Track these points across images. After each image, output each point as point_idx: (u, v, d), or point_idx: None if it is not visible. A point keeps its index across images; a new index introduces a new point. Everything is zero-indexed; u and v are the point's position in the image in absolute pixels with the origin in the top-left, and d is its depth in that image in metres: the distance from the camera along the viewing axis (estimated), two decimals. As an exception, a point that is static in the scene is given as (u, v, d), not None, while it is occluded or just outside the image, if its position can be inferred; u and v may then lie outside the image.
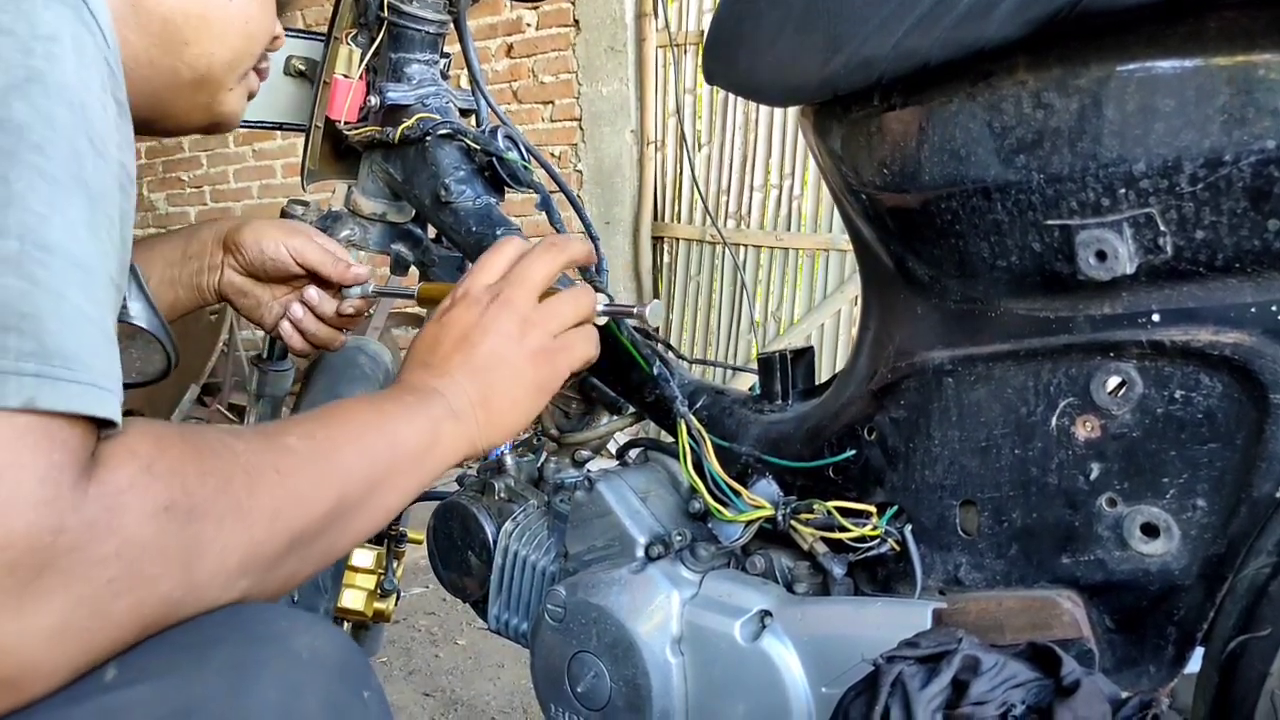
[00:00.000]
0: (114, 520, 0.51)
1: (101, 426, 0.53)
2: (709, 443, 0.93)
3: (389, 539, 1.36)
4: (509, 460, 1.14)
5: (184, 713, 0.51)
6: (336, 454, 0.67)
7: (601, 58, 4.01)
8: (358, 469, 0.68)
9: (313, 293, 1.10)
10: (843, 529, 0.85)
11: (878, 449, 0.86)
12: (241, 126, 1.34)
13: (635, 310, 0.89)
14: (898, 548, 0.85)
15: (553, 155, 4.10)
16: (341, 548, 0.68)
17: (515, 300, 0.83)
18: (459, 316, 0.83)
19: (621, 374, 1.04)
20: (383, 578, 1.35)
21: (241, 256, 1.07)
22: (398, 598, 1.39)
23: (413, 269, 1.28)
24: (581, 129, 4.09)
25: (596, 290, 0.95)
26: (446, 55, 1.24)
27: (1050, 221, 0.72)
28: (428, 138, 1.15)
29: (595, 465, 1.10)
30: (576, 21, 4.04)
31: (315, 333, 1.11)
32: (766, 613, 0.88)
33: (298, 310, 1.10)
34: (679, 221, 3.97)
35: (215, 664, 0.53)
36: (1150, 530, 0.74)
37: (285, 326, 1.11)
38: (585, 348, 0.87)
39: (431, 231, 1.27)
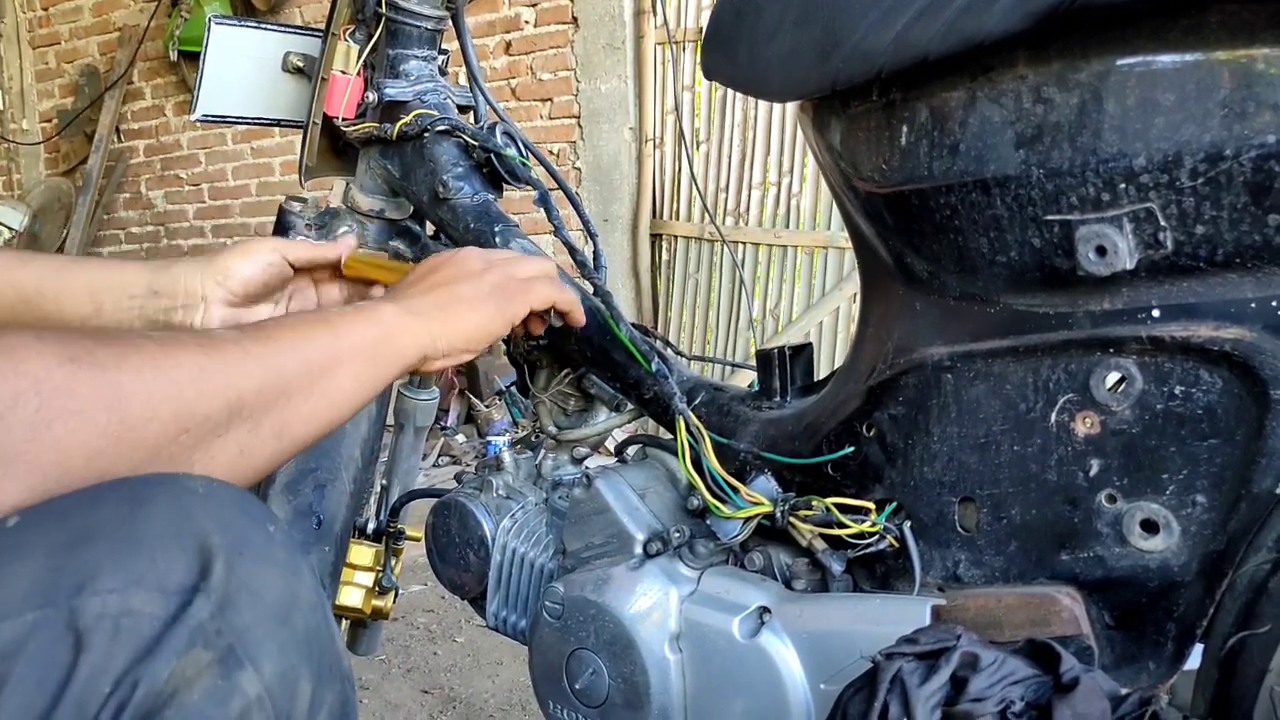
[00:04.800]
0: (18, 366, 0.54)
1: None
2: (707, 439, 0.92)
3: (387, 536, 1.36)
4: (507, 457, 1.14)
5: (82, 539, 0.53)
6: (268, 339, 0.69)
7: (600, 55, 4.00)
8: (293, 351, 0.70)
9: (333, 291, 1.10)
10: (841, 525, 0.85)
11: (876, 445, 0.86)
12: (240, 124, 1.34)
13: None
14: (896, 544, 0.84)
15: (551, 152, 4.10)
16: (299, 430, 0.70)
17: (487, 250, 0.92)
18: (431, 260, 0.91)
19: (620, 371, 1.04)
20: (381, 575, 1.35)
21: (234, 281, 1.01)
22: (396, 595, 1.39)
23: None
24: (580, 126, 4.09)
25: (595, 287, 0.97)
26: (445, 52, 1.24)
27: (1050, 216, 0.72)
28: (426, 134, 1.15)
29: (593, 462, 1.10)
30: (575, 18, 4.04)
31: None
32: (765, 609, 0.87)
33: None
34: (677, 219, 3.96)
35: (111, 499, 0.55)
36: (1150, 526, 0.74)
37: None
38: (547, 291, 0.92)
39: (430, 228, 1.26)
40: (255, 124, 1.34)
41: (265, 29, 1.32)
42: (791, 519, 0.88)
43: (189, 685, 0.51)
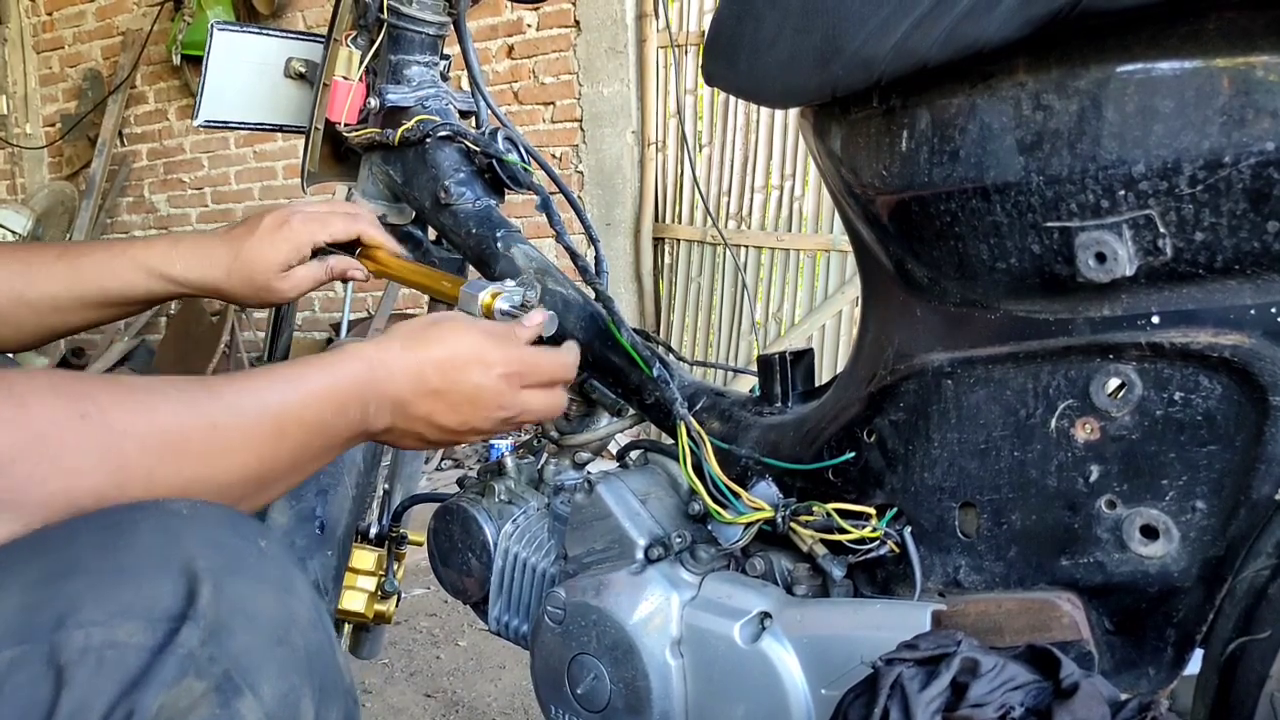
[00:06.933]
0: (27, 419, 0.53)
1: None
2: (709, 445, 0.93)
3: (389, 540, 1.36)
4: (509, 462, 1.14)
5: (61, 574, 0.51)
6: (281, 436, 0.68)
7: (602, 59, 4.01)
8: (291, 453, 0.69)
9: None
10: (842, 531, 0.85)
11: (877, 451, 0.86)
12: (242, 129, 1.35)
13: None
14: (897, 550, 0.84)
15: (554, 156, 4.10)
16: (291, 486, 0.71)
17: (522, 368, 0.86)
18: (472, 371, 0.83)
19: (621, 376, 1.04)
20: (383, 579, 1.35)
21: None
22: (399, 599, 1.39)
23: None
24: (582, 130, 4.09)
25: (596, 292, 0.99)
26: (446, 57, 1.24)
27: (1050, 223, 0.72)
28: (427, 140, 1.15)
29: (595, 467, 1.10)
30: (577, 22, 4.04)
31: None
32: (766, 614, 0.87)
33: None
34: (680, 222, 3.96)
35: (92, 528, 0.54)
36: (1149, 532, 0.74)
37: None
38: (540, 413, 0.91)
39: (432, 233, 1.27)
40: (257, 129, 1.34)
41: (267, 34, 1.32)
42: (792, 524, 0.88)
43: (183, 717, 0.50)
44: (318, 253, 1.09)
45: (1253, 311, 0.68)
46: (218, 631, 0.52)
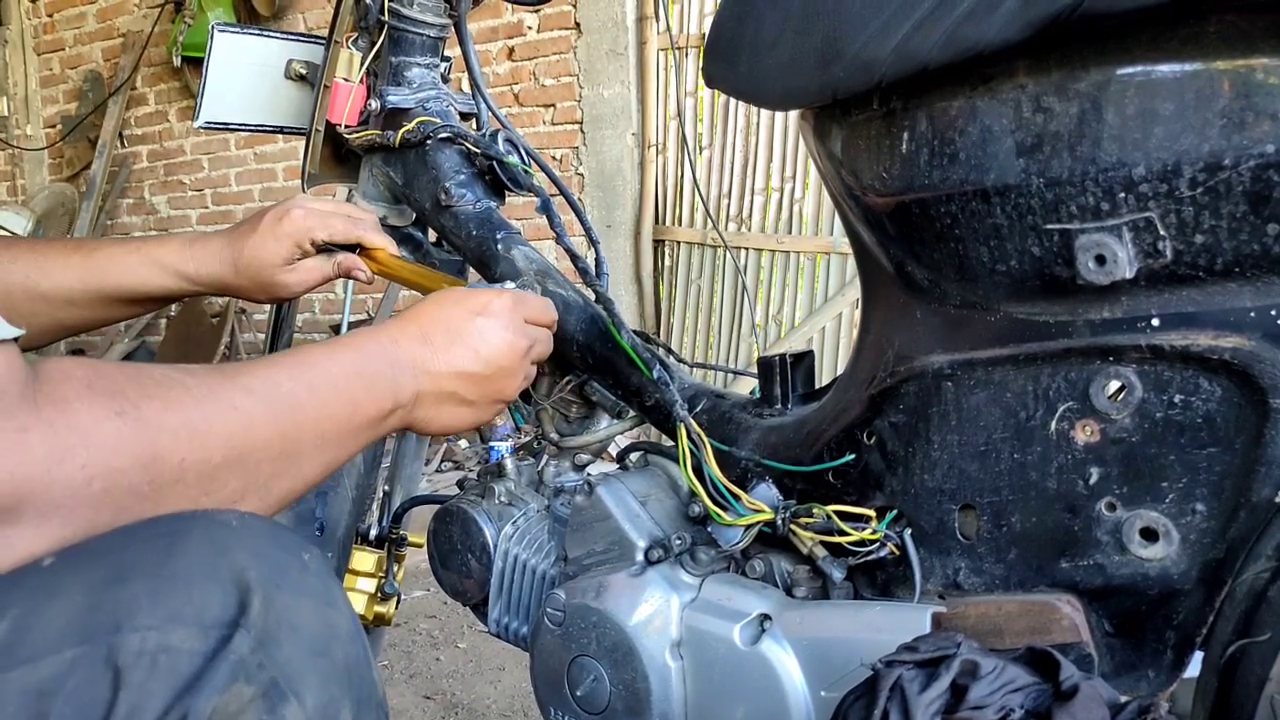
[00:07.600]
0: (71, 420, 0.54)
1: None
2: (709, 447, 0.93)
3: (389, 542, 1.36)
4: (509, 464, 1.14)
5: (119, 576, 0.53)
6: (299, 409, 0.70)
7: (603, 61, 4.01)
8: (315, 426, 0.71)
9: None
10: (842, 533, 0.85)
11: (877, 453, 0.86)
12: (243, 130, 1.35)
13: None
14: (897, 552, 0.84)
15: (554, 158, 4.10)
16: (311, 479, 0.72)
17: (521, 325, 0.92)
18: (502, 345, 0.89)
19: (622, 378, 1.04)
20: (383, 581, 1.35)
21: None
22: (398, 601, 1.39)
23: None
24: (583, 132, 4.09)
25: (597, 294, 1.00)
26: (447, 59, 1.24)
27: (1050, 225, 0.72)
28: (428, 141, 1.15)
29: (595, 469, 1.10)
30: (578, 24, 4.05)
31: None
32: (766, 616, 0.87)
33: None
34: (680, 225, 3.96)
35: (144, 537, 0.56)
36: (1149, 534, 0.74)
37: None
38: (544, 348, 0.97)
39: (432, 235, 1.27)
40: (258, 131, 1.34)
41: (268, 36, 1.32)
42: (792, 526, 0.88)
43: None
44: (323, 250, 1.09)
45: (1253, 314, 0.68)
46: (266, 641, 0.54)
